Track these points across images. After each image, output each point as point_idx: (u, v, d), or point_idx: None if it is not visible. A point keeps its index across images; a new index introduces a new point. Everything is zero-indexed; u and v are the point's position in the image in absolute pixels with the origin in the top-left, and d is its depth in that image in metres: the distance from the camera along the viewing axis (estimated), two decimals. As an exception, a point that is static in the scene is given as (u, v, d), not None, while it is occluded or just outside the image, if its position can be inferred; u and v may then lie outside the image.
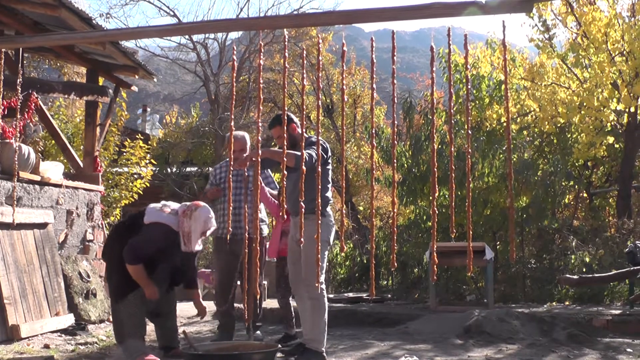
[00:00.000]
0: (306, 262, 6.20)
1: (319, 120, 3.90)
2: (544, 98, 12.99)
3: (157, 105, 55.94)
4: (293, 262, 6.53)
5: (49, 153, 15.23)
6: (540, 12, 13.80)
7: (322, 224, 6.14)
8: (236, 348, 6.03)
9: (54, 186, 9.00)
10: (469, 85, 3.93)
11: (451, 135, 4.33)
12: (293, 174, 6.11)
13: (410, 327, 8.96)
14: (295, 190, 6.10)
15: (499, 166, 12.64)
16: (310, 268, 6.03)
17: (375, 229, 15.16)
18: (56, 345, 7.20)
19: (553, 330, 8.31)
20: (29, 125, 9.73)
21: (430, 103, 3.88)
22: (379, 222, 19.64)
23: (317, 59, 3.96)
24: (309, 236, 5.35)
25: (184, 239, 6.43)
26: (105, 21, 24.92)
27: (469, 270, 3.82)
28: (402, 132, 14.97)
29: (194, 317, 9.83)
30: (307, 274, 6.22)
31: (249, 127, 23.28)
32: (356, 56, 32.94)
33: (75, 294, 8.60)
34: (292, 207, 6.36)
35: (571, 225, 13.90)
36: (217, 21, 6.49)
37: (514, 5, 3.43)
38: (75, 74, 18.98)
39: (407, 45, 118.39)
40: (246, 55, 26.01)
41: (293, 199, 6.27)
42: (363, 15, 3.59)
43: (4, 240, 7.56)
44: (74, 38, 6.49)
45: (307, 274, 6.24)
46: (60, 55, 11.31)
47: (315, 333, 6.29)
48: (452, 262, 10.76)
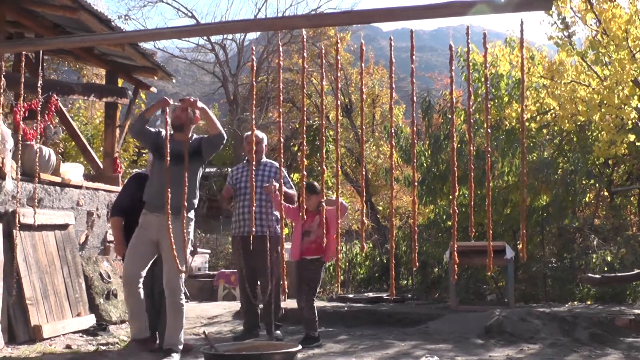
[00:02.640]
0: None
1: (338, 119, 3.89)
2: (564, 96, 12.89)
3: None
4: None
5: (69, 154, 15.34)
6: (559, 10, 13.69)
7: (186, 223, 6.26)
8: (256, 348, 6.03)
9: (75, 187, 9.05)
10: (488, 84, 3.91)
11: (470, 134, 4.31)
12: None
13: (431, 327, 8.93)
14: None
15: (518, 165, 12.55)
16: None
17: (395, 229, 15.12)
18: (78, 346, 7.24)
19: (575, 330, 8.26)
20: (49, 127, 9.78)
21: (450, 102, 3.87)
22: (398, 221, 19.57)
23: (336, 58, 3.95)
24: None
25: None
26: (123, 23, 25.07)
27: (489, 270, 3.80)
28: (421, 131, 14.91)
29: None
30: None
31: (267, 127, 23.32)
32: (374, 56, 32.89)
33: (96, 295, 8.65)
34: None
35: (592, 224, 13.79)
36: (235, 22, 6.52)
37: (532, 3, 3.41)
38: (94, 75, 19.06)
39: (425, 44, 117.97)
40: (264, 56, 26.03)
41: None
42: (381, 15, 3.58)
43: (25, 242, 7.61)
44: (94, 40, 6.52)
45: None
46: (79, 57, 11.37)
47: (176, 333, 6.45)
48: (472, 262, 10.71)
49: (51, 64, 17.97)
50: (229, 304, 10.54)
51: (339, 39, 3.97)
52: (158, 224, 6.27)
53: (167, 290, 6.39)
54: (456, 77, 9.81)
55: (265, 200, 7.77)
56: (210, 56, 28.63)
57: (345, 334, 8.53)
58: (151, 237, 6.44)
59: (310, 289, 7.52)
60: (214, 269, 14.91)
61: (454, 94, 3.81)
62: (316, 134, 22.91)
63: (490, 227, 3.71)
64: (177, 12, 26.66)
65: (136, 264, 6.48)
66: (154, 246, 6.48)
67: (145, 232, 6.48)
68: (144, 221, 6.55)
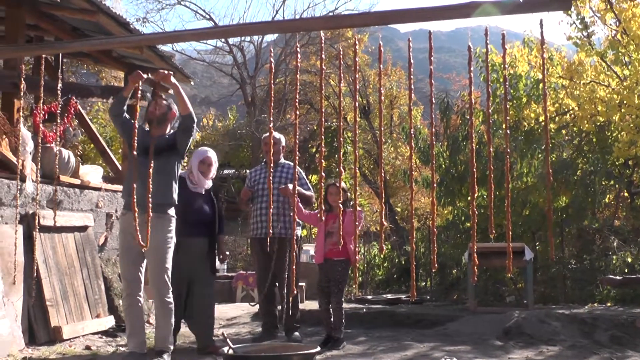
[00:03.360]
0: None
1: (356, 121, 3.88)
2: (583, 96, 12.83)
3: (194, 108, 56.13)
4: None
5: (88, 157, 15.43)
6: (579, 10, 13.62)
7: (165, 222, 6.26)
8: (275, 349, 6.03)
9: (94, 189, 9.09)
10: (507, 85, 3.89)
11: (489, 135, 4.30)
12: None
13: (450, 329, 8.91)
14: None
15: (537, 166, 12.51)
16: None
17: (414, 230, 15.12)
18: (97, 347, 7.28)
19: (595, 332, 8.20)
20: (68, 130, 9.83)
21: (469, 103, 3.85)
22: (417, 223, 19.54)
23: (354, 60, 3.95)
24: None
25: (189, 177, 6.88)
26: (142, 26, 25.21)
27: (509, 271, 3.78)
28: (439, 132, 14.88)
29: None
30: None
31: (285, 129, 23.34)
32: (392, 57, 32.82)
33: (115, 296, 8.68)
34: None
35: (612, 225, 13.71)
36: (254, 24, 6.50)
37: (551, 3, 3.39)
38: (112, 78, 19.16)
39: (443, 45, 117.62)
40: (282, 58, 26.06)
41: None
42: (399, 16, 3.57)
43: (45, 243, 7.66)
44: (112, 43, 6.54)
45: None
46: (98, 60, 11.42)
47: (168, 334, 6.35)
48: (491, 263, 10.67)
49: (70, 66, 18.09)
50: (247, 306, 10.55)
51: (357, 41, 3.96)
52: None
53: (154, 290, 6.28)
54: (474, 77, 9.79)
55: (283, 201, 7.79)
56: (228, 58, 28.69)
57: (363, 336, 8.52)
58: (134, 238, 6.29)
59: (339, 290, 7.51)
60: (232, 271, 14.95)
61: (472, 95, 3.79)
62: (334, 136, 22.94)
63: (510, 228, 3.69)
64: (195, 15, 26.92)
65: (132, 271, 6.30)
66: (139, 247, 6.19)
67: (128, 236, 6.15)
68: (124, 222, 6.35)
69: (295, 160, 3.85)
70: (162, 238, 6.19)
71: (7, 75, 8.15)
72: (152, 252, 6.11)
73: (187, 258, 6.83)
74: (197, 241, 7.03)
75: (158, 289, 6.27)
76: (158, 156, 5.94)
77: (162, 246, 6.21)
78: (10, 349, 6.46)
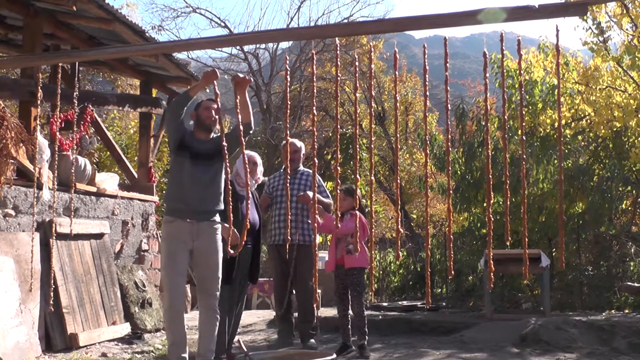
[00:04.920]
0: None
1: (372, 128, 3.88)
2: (599, 102, 12.77)
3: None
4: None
5: (104, 164, 15.49)
6: (594, 15, 13.56)
7: (216, 229, 6.11)
8: (291, 357, 6.02)
9: (110, 197, 9.13)
10: (522, 91, 3.87)
11: (505, 141, 4.28)
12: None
13: (466, 336, 8.87)
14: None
15: (553, 172, 12.46)
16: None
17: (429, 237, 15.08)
18: (113, 354, 7.29)
19: (613, 339, 8.15)
20: (85, 138, 9.89)
21: (484, 109, 3.84)
22: (432, 229, 19.50)
23: (369, 66, 3.94)
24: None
25: (236, 179, 6.71)
26: (157, 34, 25.27)
27: (525, 278, 3.76)
28: (454, 139, 14.85)
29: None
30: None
31: (300, 135, 23.34)
32: (407, 63, 32.80)
33: (132, 304, 8.71)
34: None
35: (629, 231, 13.61)
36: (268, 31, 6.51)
37: (567, 9, 3.37)
38: (128, 86, 19.25)
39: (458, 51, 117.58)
40: (297, 65, 26.07)
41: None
42: (415, 23, 3.56)
43: (62, 251, 7.70)
44: (128, 51, 6.58)
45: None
46: (114, 68, 11.48)
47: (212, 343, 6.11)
48: (507, 270, 10.63)
49: (86, 75, 18.19)
50: (264, 312, 10.55)
51: (372, 47, 3.96)
52: (191, 231, 5.93)
53: (203, 298, 6.05)
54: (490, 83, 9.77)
55: (302, 208, 7.81)
56: (243, 65, 28.70)
57: (379, 343, 8.50)
58: (187, 246, 5.96)
59: (357, 294, 7.48)
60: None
61: (488, 101, 3.78)
62: (350, 143, 22.90)
63: (526, 234, 3.67)
64: (210, 23, 26.99)
65: (178, 282, 5.99)
66: (189, 256, 6.01)
67: (180, 243, 5.93)
68: (175, 230, 5.97)
69: (315, 168, 3.84)
70: (215, 246, 6.03)
71: (24, 83, 8.20)
72: (203, 259, 6.00)
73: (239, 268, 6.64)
74: (245, 249, 6.59)
75: (208, 297, 6.04)
76: (211, 162, 5.94)
77: (214, 254, 6.04)
78: (28, 356, 6.48)
